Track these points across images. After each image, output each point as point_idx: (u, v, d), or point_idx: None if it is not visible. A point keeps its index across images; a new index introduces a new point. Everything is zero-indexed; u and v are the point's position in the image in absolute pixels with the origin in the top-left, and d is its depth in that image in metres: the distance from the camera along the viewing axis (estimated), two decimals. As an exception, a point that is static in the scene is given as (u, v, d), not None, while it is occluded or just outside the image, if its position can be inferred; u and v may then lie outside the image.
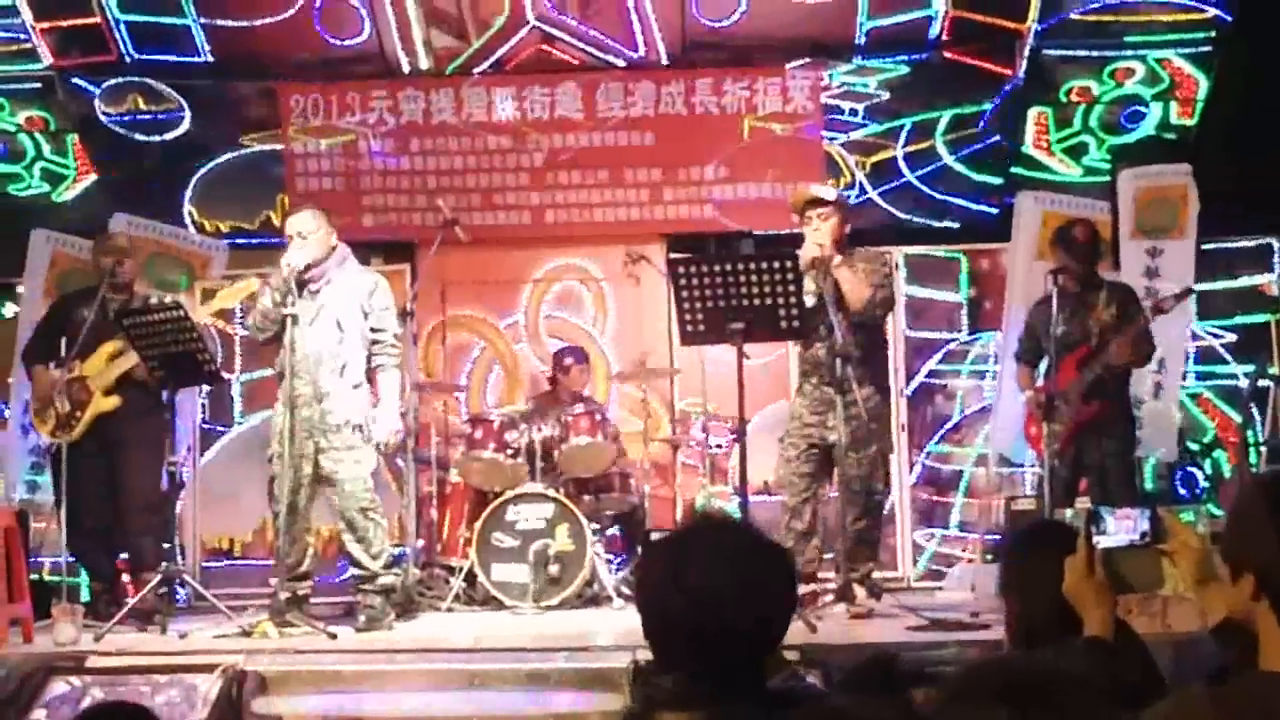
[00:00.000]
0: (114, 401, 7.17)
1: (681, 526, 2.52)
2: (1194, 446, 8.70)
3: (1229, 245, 8.83)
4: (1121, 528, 2.85)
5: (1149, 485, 8.40)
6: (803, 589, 6.60)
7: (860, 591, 6.82)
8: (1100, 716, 1.93)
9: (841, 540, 6.77)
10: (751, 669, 2.30)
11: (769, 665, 2.33)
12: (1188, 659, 4.54)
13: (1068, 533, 3.17)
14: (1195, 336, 8.80)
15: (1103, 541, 2.87)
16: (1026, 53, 9.05)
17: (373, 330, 6.96)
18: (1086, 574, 2.92)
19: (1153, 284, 8.22)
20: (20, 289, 9.01)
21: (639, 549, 7.89)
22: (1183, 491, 8.47)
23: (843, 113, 9.39)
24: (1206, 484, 8.59)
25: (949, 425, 9.06)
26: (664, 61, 9.43)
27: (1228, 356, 8.85)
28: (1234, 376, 8.78)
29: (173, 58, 9.41)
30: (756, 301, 6.31)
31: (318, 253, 6.89)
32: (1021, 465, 8.58)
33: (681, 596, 2.28)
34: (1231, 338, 8.86)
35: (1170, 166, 8.55)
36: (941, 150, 9.35)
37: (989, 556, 7.95)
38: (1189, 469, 8.57)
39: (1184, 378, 8.71)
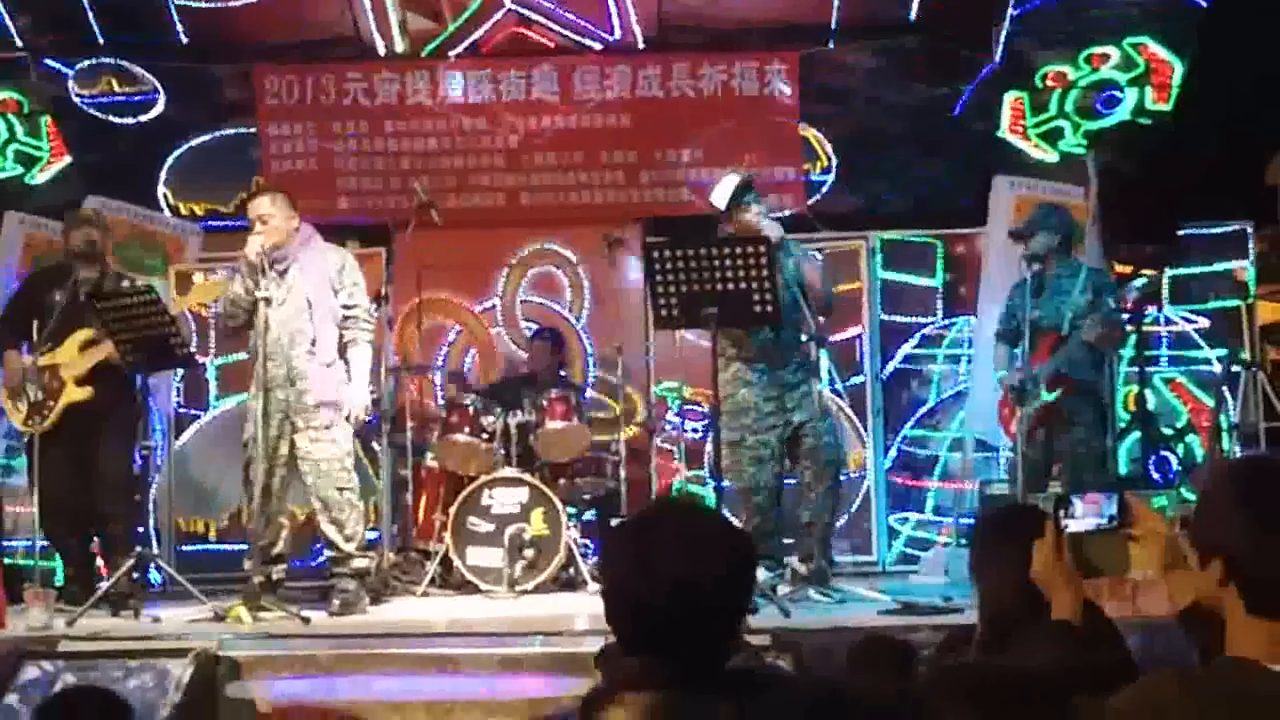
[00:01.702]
0: (86, 392, 7.12)
1: (645, 510, 2.53)
2: (1167, 431, 8.73)
3: (1203, 231, 8.85)
4: (1089, 512, 2.86)
5: (1122, 469, 8.44)
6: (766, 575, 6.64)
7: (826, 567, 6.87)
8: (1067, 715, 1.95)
9: (817, 518, 6.80)
10: (713, 651, 2.32)
11: (732, 648, 2.36)
12: (1157, 643, 4.55)
13: (1036, 516, 3.19)
14: (1169, 321, 8.83)
15: (1070, 526, 2.89)
16: (1003, 38, 9.06)
17: (344, 307, 6.96)
18: (1055, 558, 2.94)
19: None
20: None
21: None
22: (1156, 476, 8.50)
23: (819, 96, 9.38)
24: (1179, 469, 8.62)
25: (924, 410, 9.08)
26: (640, 45, 9.42)
27: (1201, 342, 8.88)
28: (1208, 361, 8.81)
29: (147, 39, 9.35)
30: (730, 286, 6.31)
31: (280, 235, 6.87)
32: (996, 450, 8.60)
33: (644, 580, 2.30)
34: (1205, 323, 8.89)
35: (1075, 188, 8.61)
36: (917, 134, 9.35)
37: (963, 541, 7.98)
38: (1162, 453, 8.61)
39: (1158, 362, 8.74)
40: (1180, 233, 8.65)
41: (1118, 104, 9.21)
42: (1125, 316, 7.56)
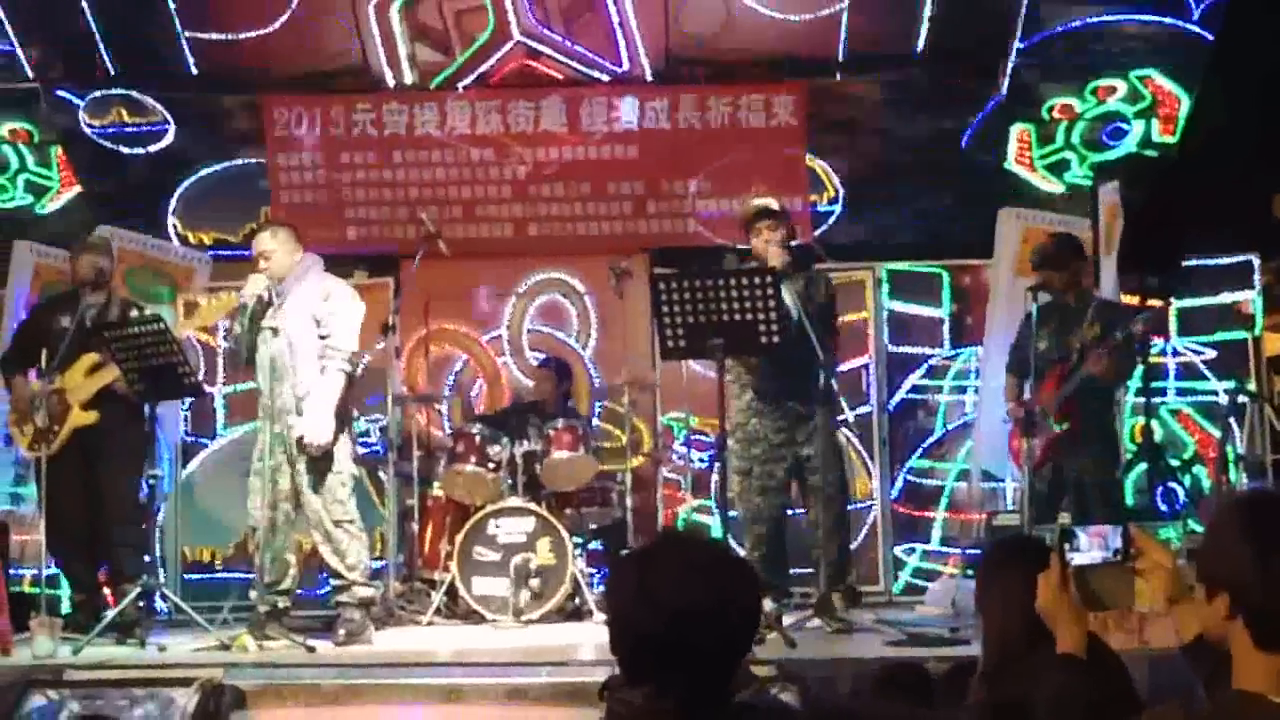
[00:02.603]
0: (92, 416, 7.14)
1: (649, 542, 2.53)
2: (1174, 463, 8.71)
3: (1209, 262, 8.86)
4: (1094, 545, 2.85)
5: (1129, 501, 8.42)
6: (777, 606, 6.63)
7: (839, 602, 6.83)
8: None
9: (825, 554, 6.79)
10: (718, 683, 2.32)
11: (736, 680, 2.36)
12: (1164, 676, 4.54)
13: (1041, 548, 3.19)
14: (1175, 353, 8.83)
15: (1075, 558, 2.88)
16: (1009, 70, 9.10)
17: (322, 337, 6.87)
18: (1059, 591, 2.92)
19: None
20: (2, 300, 8.99)
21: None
22: (1163, 507, 8.47)
23: (826, 128, 9.42)
24: (1186, 500, 8.60)
25: (931, 440, 9.08)
26: (648, 77, 9.46)
27: (1207, 373, 8.88)
28: (1214, 393, 8.81)
29: (157, 70, 9.41)
30: (737, 316, 6.31)
31: (283, 270, 6.89)
32: (1003, 480, 8.60)
33: (648, 611, 2.31)
34: (1211, 354, 8.89)
35: (1111, 184, 8.59)
36: (924, 166, 9.37)
37: (970, 572, 7.95)
38: (1169, 485, 8.58)
39: (1164, 394, 8.74)
40: (1186, 264, 8.66)
41: (1124, 136, 9.25)
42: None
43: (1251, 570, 2.12)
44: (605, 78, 9.47)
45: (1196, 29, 8.98)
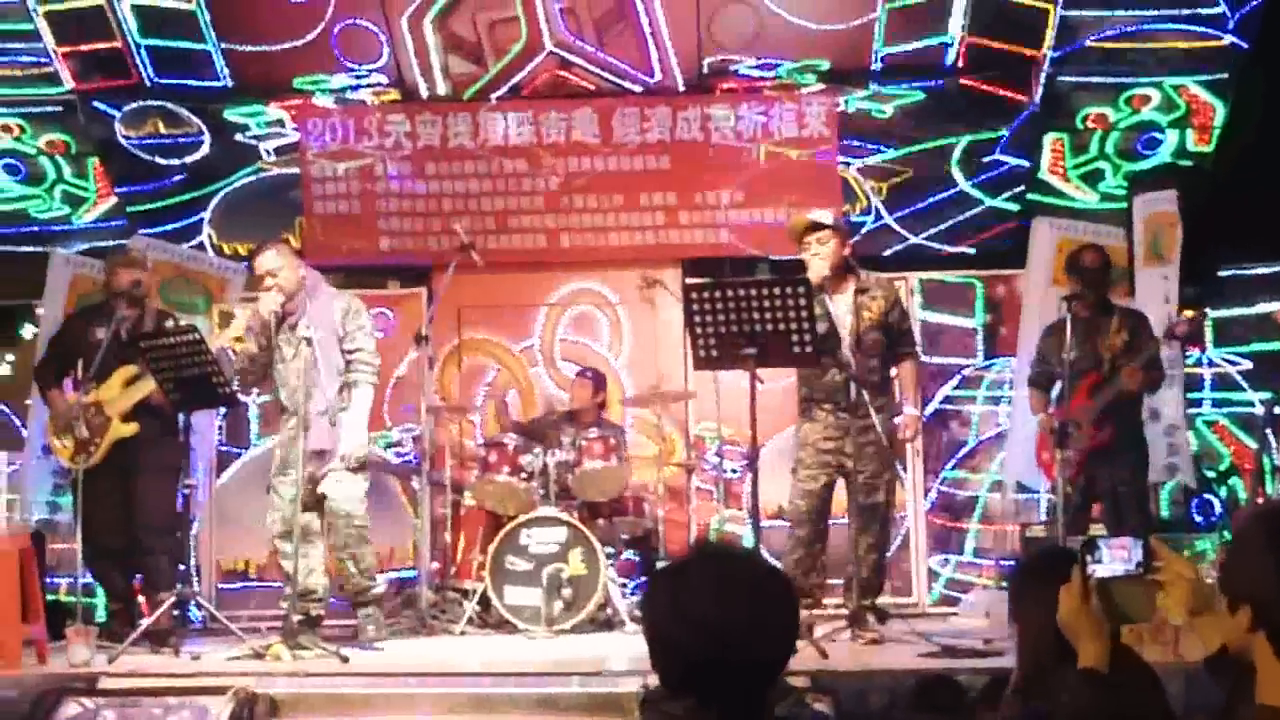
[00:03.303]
0: (132, 428, 7.20)
1: (686, 555, 2.53)
2: (1210, 474, 8.66)
3: (1245, 272, 8.80)
4: (1116, 557, 2.83)
5: (1164, 512, 8.37)
6: (809, 614, 6.62)
7: (871, 618, 6.81)
8: None
9: (855, 567, 6.77)
10: (756, 696, 2.32)
11: (774, 692, 2.35)
12: (1199, 690, 4.51)
13: (1073, 560, 3.16)
14: (1211, 363, 8.77)
15: (1098, 571, 2.84)
16: (1043, 79, 9.06)
17: (346, 352, 7.09)
18: (1080, 604, 2.87)
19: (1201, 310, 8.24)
20: (40, 311, 9.07)
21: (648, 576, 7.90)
22: (1199, 519, 8.43)
23: (859, 138, 9.41)
24: (1222, 511, 8.55)
25: (964, 451, 9.05)
26: (680, 87, 9.47)
27: (1244, 384, 8.82)
28: (1250, 404, 8.75)
29: (193, 82, 9.49)
30: (770, 326, 6.30)
31: (291, 286, 7.06)
32: (1036, 491, 8.56)
33: (686, 624, 2.31)
34: (1247, 365, 8.83)
35: (1165, 193, 8.54)
36: (957, 176, 9.36)
37: (1003, 583, 7.92)
38: (1205, 496, 8.54)
39: (1200, 404, 8.69)
40: (1221, 274, 8.60)
41: (1159, 146, 9.20)
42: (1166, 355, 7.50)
43: (1275, 583, 2.10)
44: (637, 88, 9.48)
45: (1232, 37, 8.93)
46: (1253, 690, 2.13)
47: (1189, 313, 7.08)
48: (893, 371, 7.12)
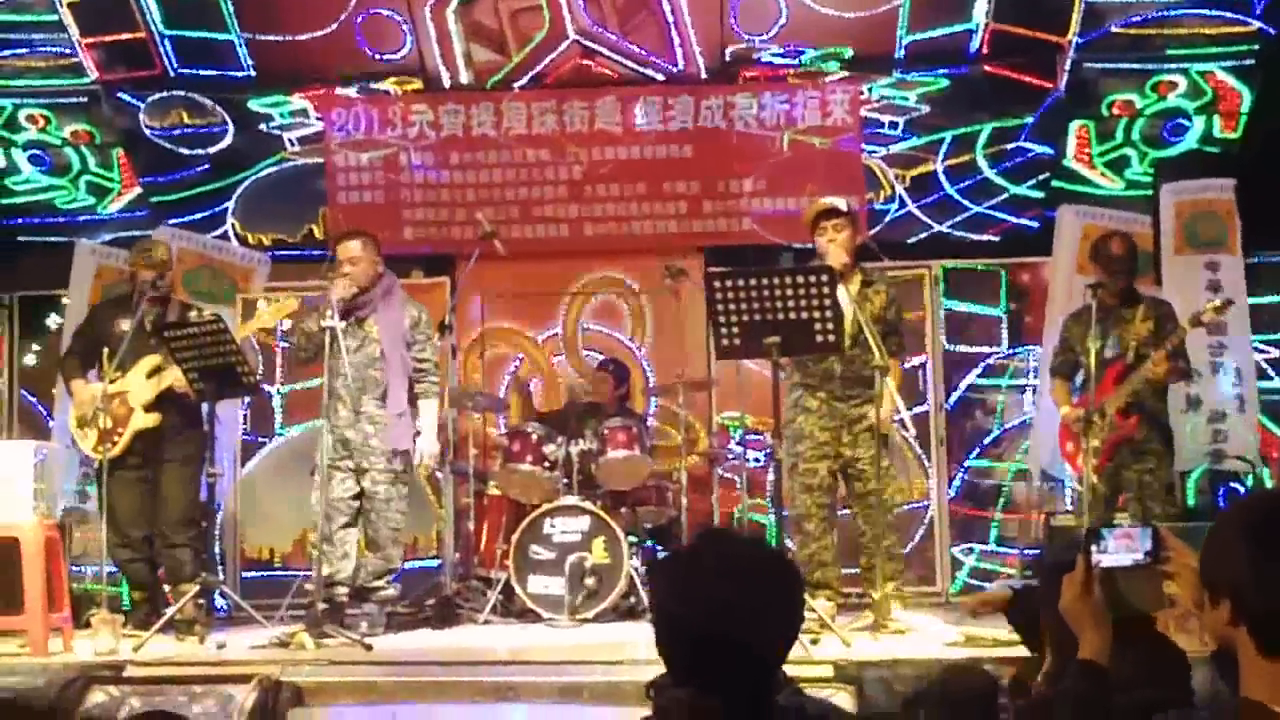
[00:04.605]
0: (154, 418, 7.23)
1: (692, 541, 2.53)
2: (1237, 462, 8.60)
3: (1272, 259, 8.74)
4: (1122, 547, 2.77)
5: (1190, 501, 8.32)
6: (826, 605, 6.60)
7: (894, 607, 6.79)
8: None
9: (871, 556, 6.75)
10: (763, 681, 2.32)
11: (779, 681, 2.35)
12: (1230, 677, 4.48)
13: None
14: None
15: (1103, 561, 2.78)
16: (1068, 66, 9.00)
17: (416, 360, 7.28)
18: (1083, 594, 2.81)
19: (1216, 298, 8.17)
20: (65, 301, 9.11)
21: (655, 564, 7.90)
22: (1225, 508, 8.38)
23: (882, 126, 9.38)
24: (1249, 500, 8.49)
25: (989, 440, 9.02)
26: (703, 75, 9.45)
27: (1272, 372, 8.76)
28: (1278, 392, 8.68)
29: (216, 72, 9.50)
30: (793, 315, 6.28)
31: (365, 280, 7.15)
32: (1062, 480, 8.52)
33: (690, 610, 2.32)
34: (1276, 353, 8.77)
35: (1215, 181, 8.48)
36: (982, 164, 9.32)
37: (1028, 572, 7.89)
38: (1232, 484, 8.48)
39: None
40: (1250, 261, 8.53)
41: (1185, 132, 9.14)
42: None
43: (1252, 575, 2.06)
44: (660, 77, 9.47)
45: (1259, 23, 8.85)
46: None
47: (1216, 301, 7.01)
48: None
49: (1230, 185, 8.39)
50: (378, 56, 9.49)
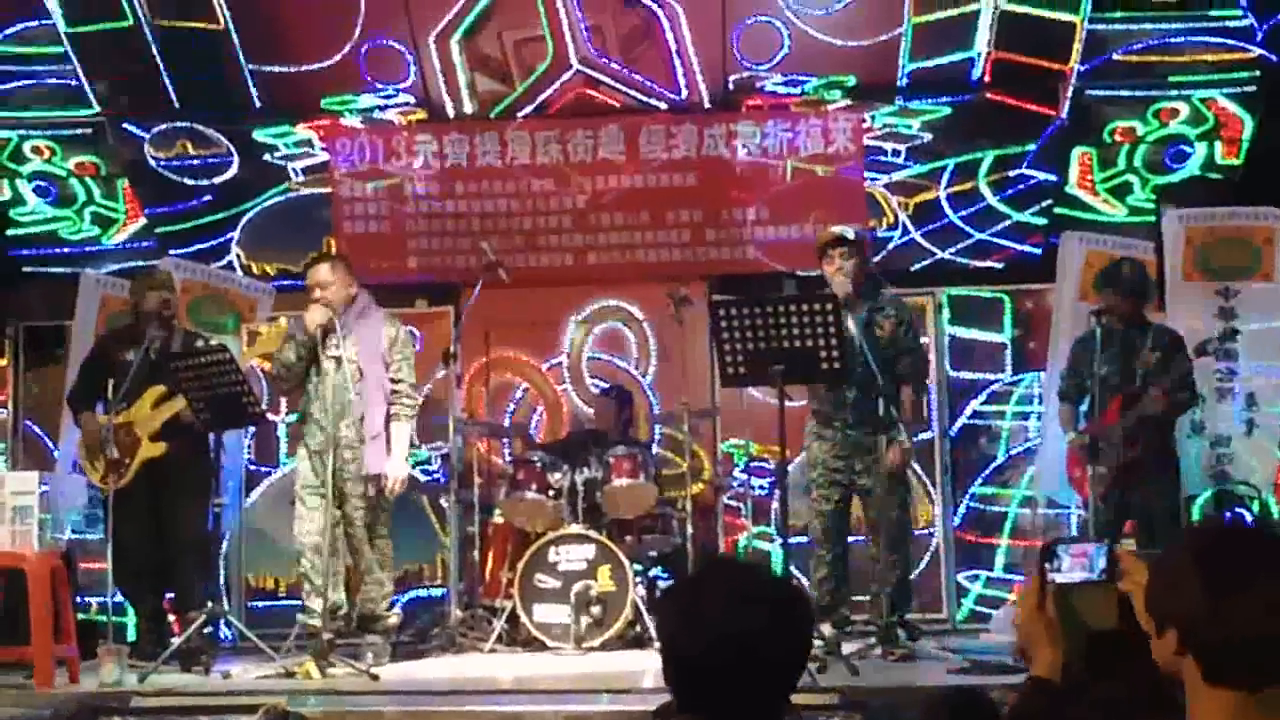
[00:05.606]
0: (161, 448, 7.25)
1: (698, 570, 2.54)
2: (1242, 488, 8.59)
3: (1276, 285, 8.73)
4: (1076, 565, 2.76)
5: (1196, 527, 8.30)
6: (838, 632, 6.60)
7: (901, 634, 6.79)
8: None
9: (882, 584, 6.75)
10: (768, 712, 2.31)
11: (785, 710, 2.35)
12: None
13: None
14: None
15: (1057, 578, 2.77)
16: (1070, 93, 9.03)
17: (392, 380, 7.18)
18: (1036, 611, 2.71)
19: (1229, 326, 8.19)
20: (71, 331, 9.11)
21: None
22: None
23: (885, 154, 9.40)
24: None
25: (993, 466, 9.02)
26: (706, 104, 9.48)
27: (1277, 398, 8.74)
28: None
29: (221, 103, 9.53)
30: (797, 343, 6.30)
31: (338, 303, 7.07)
32: (1067, 507, 8.51)
33: (695, 639, 2.31)
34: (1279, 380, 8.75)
35: (1241, 209, 8.50)
36: (985, 191, 9.33)
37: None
38: (1237, 510, 8.47)
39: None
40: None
41: (1187, 159, 9.16)
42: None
43: (1200, 605, 2.05)
44: (664, 105, 9.50)
45: (1260, 50, 8.89)
46: None
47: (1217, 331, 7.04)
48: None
49: (1267, 213, 8.38)
50: (382, 86, 9.52)
